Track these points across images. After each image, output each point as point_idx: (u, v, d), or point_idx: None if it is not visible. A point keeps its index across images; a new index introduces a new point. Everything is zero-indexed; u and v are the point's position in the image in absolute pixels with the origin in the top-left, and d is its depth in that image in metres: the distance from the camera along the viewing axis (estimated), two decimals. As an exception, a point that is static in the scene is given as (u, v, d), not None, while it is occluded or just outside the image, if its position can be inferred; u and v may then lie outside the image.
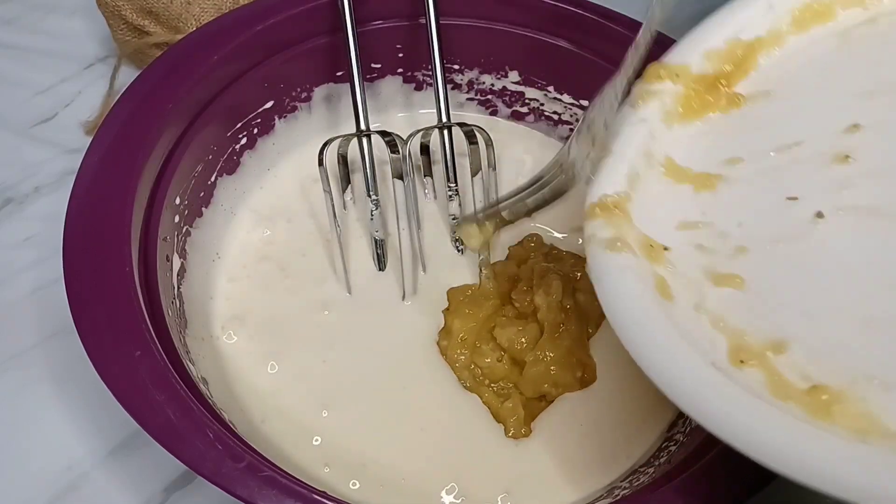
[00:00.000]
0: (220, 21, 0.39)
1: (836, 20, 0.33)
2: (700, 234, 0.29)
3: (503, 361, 0.36)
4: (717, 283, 0.27)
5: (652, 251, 0.28)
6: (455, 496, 0.33)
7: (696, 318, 0.26)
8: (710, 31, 0.33)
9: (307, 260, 0.40)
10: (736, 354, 0.25)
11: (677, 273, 0.28)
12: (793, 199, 0.28)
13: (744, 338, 0.25)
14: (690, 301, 0.27)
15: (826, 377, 0.23)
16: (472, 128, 0.39)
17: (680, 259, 0.28)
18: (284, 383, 0.35)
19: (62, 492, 0.34)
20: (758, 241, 0.28)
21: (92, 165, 0.32)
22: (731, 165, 0.30)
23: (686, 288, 0.27)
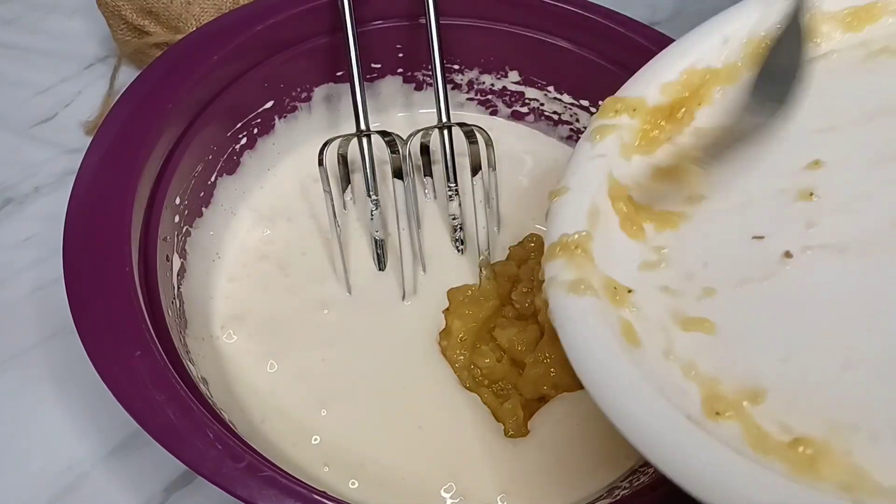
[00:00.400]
0: (220, 21, 0.39)
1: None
2: (664, 274, 0.28)
3: (503, 362, 0.36)
4: (686, 327, 0.26)
5: (616, 293, 0.27)
6: (453, 495, 0.33)
7: (665, 366, 0.25)
8: (666, 64, 0.33)
9: (307, 259, 0.40)
10: (711, 405, 0.23)
11: (643, 317, 0.26)
12: (759, 239, 0.28)
13: (718, 387, 0.24)
14: (658, 347, 0.25)
15: (807, 428, 0.22)
16: (472, 128, 0.39)
17: (645, 302, 0.27)
18: (284, 382, 0.35)
19: (62, 492, 0.34)
20: (725, 283, 0.27)
21: (92, 165, 0.32)
22: (692, 204, 0.29)
23: (653, 333, 0.26)
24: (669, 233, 0.29)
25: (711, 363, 0.25)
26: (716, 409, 0.23)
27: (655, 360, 0.25)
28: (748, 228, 0.28)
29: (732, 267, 0.27)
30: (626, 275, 0.28)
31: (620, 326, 0.25)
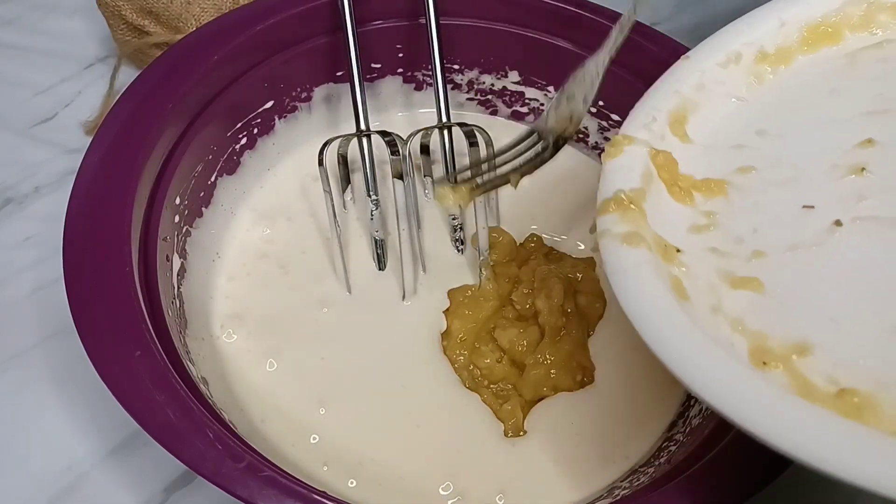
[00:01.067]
0: (220, 21, 0.39)
1: (845, 42, 0.33)
2: (713, 237, 0.28)
3: (503, 363, 0.36)
4: (735, 285, 0.26)
5: (666, 252, 0.27)
6: (451, 495, 0.33)
7: (714, 321, 0.25)
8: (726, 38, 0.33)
9: (307, 258, 0.40)
10: (758, 356, 0.24)
11: (692, 275, 0.27)
12: (809, 208, 0.28)
13: (765, 340, 0.25)
14: (707, 303, 0.26)
15: (854, 382, 0.23)
16: (472, 128, 0.39)
17: (694, 261, 0.27)
18: (283, 381, 0.35)
19: (62, 492, 0.34)
20: (775, 247, 0.27)
21: (92, 165, 0.32)
22: (742, 174, 0.30)
23: (702, 290, 0.26)
24: (719, 199, 0.30)
25: (759, 320, 0.25)
26: (763, 360, 0.24)
27: (704, 315, 0.25)
28: (798, 199, 0.28)
29: (782, 233, 0.28)
30: (676, 236, 0.28)
31: (671, 282, 0.26)
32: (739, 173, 0.30)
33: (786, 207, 0.28)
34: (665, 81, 0.33)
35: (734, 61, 0.33)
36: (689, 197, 0.30)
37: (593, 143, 0.45)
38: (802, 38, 0.33)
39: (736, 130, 0.32)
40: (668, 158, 0.30)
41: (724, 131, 0.32)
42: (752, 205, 0.29)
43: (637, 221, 0.27)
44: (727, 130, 0.32)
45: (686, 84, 0.32)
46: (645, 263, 0.26)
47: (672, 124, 0.31)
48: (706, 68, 0.33)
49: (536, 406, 0.36)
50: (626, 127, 0.31)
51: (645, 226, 0.27)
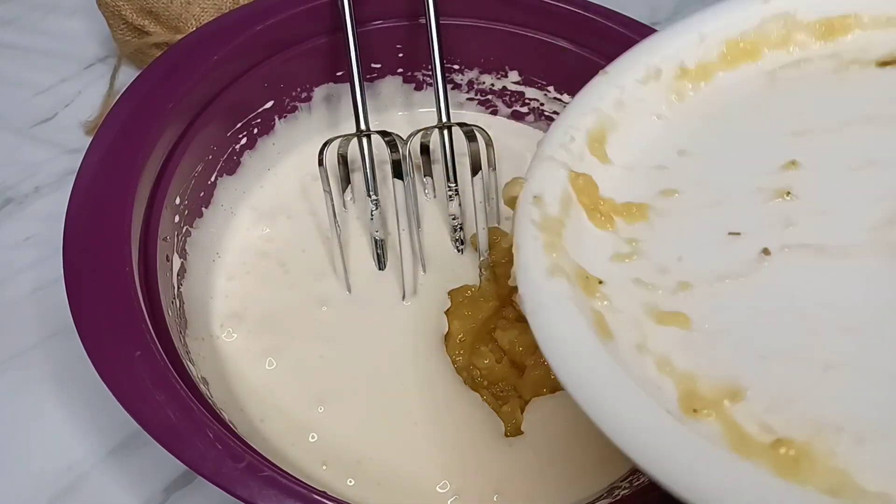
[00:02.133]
0: (220, 21, 0.39)
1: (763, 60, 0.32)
2: (637, 266, 0.27)
3: (502, 363, 0.36)
4: (660, 321, 0.25)
5: (587, 284, 0.26)
6: (448, 493, 0.33)
7: (639, 360, 0.24)
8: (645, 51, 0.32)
9: (307, 256, 0.40)
10: (688, 402, 0.22)
11: (614, 309, 0.25)
12: (735, 235, 0.27)
13: (694, 384, 0.23)
14: (632, 341, 0.24)
15: (789, 429, 0.21)
16: (472, 127, 0.39)
17: (616, 294, 0.26)
18: (282, 380, 0.35)
19: (62, 492, 0.34)
20: (701, 278, 0.26)
21: (92, 165, 0.32)
22: (664, 197, 0.29)
23: (625, 326, 0.25)
24: (642, 224, 0.28)
25: (687, 359, 0.24)
26: (693, 407, 0.22)
27: (628, 353, 0.24)
28: (724, 224, 0.27)
29: (708, 262, 0.26)
30: (597, 265, 0.26)
31: (593, 317, 0.24)
32: (662, 197, 0.29)
33: (711, 234, 0.27)
34: (583, 98, 0.31)
35: (654, 77, 0.31)
36: (610, 222, 0.28)
37: (593, 143, 0.45)
38: (722, 53, 0.32)
39: (657, 150, 0.30)
40: (588, 182, 0.29)
41: (645, 151, 0.30)
42: (676, 230, 0.28)
43: (556, 251, 0.26)
44: (648, 150, 0.30)
45: (605, 101, 0.31)
46: (566, 299, 0.24)
47: (591, 144, 0.30)
48: (625, 84, 0.31)
49: (535, 406, 0.35)
50: (544, 144, 0.29)
51: (564, 255, 0.26)
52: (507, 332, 0.37)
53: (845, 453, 0.20)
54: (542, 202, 0.27)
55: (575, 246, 0.27)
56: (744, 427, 0.22)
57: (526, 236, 0.26)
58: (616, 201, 0.29)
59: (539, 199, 0.27)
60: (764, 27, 0.32)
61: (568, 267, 0.26)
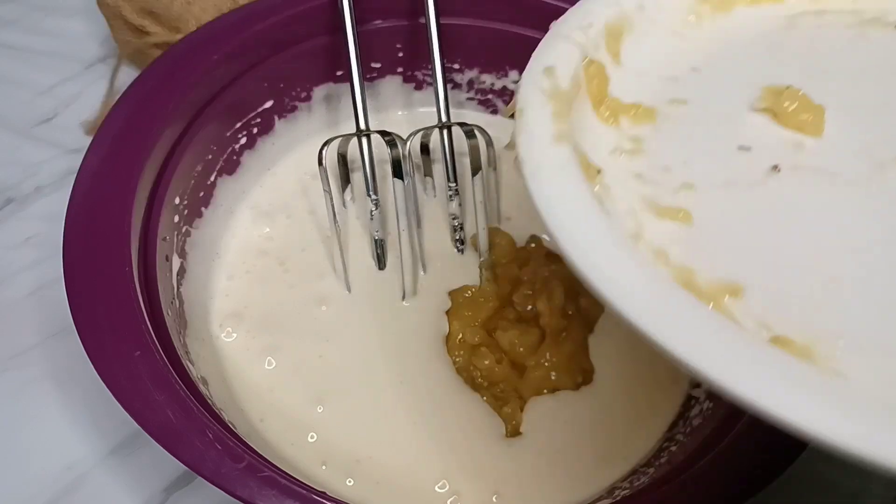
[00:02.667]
0: (220, 21, 0.39)
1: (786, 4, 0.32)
2: (638, 162, 0.25)
3: (503, 364, 0.36)
4: (660, 214, 0.24)
5: (587, 169, 0.24)
6: (447, 493, 0.33)
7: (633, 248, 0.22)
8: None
9: (306, 255, 0.40)
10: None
11: (612, 197, 0.24)
12: (745, 149, 0.26)
13: (691, 276, 0.22)
14: (627, 229, 0.23)
15: (787, 330, 0.20)
16: (472, 127, 0.39)
17: (616, 183, 0.24)
18: (281, 379, 0.35)
19: (62, 492, 0.34)
20: (706, 181, 0.25)
21: (92, 165, 0.32)
22: (674, 106, 0.28)
23: (622, 215, 0.23)
24: (648, 126, 0.27)
25: (685, 254, 0.23)
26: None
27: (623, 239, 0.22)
28: (734, 138, 0.27)
29: (715, 168, 0.25)
30: (597, 156, 0.25)
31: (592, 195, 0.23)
32: (671, 104, 0.28)
33: (720, 144, 0.26)
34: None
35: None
36: (615, 119, 0.27)
37: (593, 143, 0.45)
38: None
39: (671, 62, 0.29)
40: (600, 71, 0.27)
41: (658, 61, 0.29)
42: (683, 136, 0.27)
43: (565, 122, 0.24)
44: (662, 61, 0.29)
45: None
46: (571, 164, 0.23)
47: (608, 38, 0.28)
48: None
49: (535, 406, 0.36)
50: (561, 24, 0.28)
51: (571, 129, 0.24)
52: (507, 332, 0.37)
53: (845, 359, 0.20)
54: (554, 74, 0.26)
55: (578, 131, 0.25)
56: (742, 322, 0.21)
57: (533, 102, 0.25)
58: (623, 101, 0.27)
59: (551, 71, 0.26)
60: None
61: (573, 141, 0.24)
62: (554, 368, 0.36)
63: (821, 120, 0.27)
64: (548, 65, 0.26)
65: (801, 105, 0.27)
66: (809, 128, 0.27)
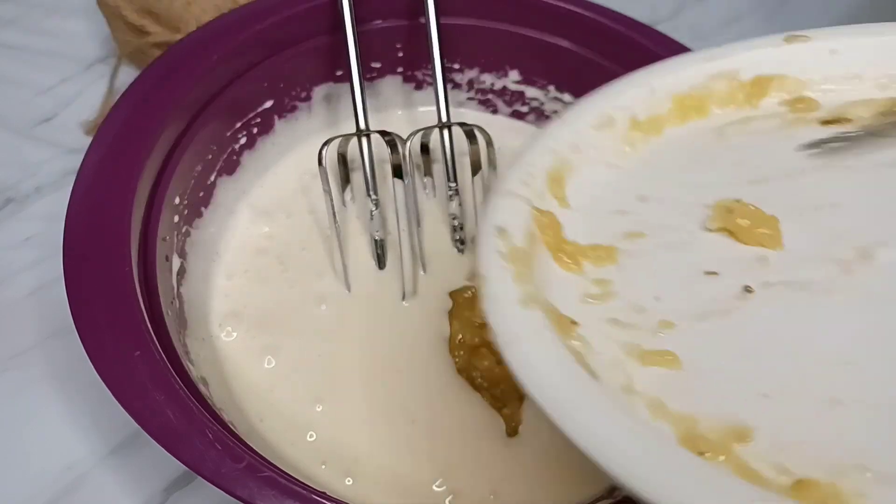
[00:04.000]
0: (220, 21, 0.39)
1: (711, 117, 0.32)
2: (611, 307, 0.25)
3: (503, 364, 0.36)
4: (645, 361, 0.23)
5: (561, 323, 0.23)
6: (445, 492, 0.33)
7: (630, 402, 0.22)
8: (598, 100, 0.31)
9: (306, 254, 0.40)
10: (692, 445, 0.20)
11: (594, 351, 0.23)
12: (712, 274, 0.26)
13: (695, 425, 0.21)
14: (617, 382, 0.22)
15: (808, 470, 0.20)
16: (472, 127, 0.39)
17: (594, 335, 0.23)
18: (280, 378, 0.35)
19: (62, 492, 0.34)
20: (683, 316, 0.24)
21: (92, 165, 0.32)
22: (630, 240, 0.27)
23: (608, 368, 0.22)
24: (610, 267, 0.26)
25: (682, 400, 0.22)
26: (699, 450, 0.20)
27: (616, 395, 0.22)
28: (698, 264, 0.26)
29: (689, 301, 0.25)
30: (568, 306, 0.24)
31: (573, 356, 0.22)
32: (628, 239, 0.27)
33: (687, 273, 0.26)
34: (540, 138, 0.30)
35: (608, 125, 0.31)
36: (577, 264, 0.26)
37: (593, 143, 0.45)
38: (671, 108, 0.32)
39: (616, 196, 0.29)
40: (552, 220, 0.27)
41: (604, 197, 0.29)
42: (648, 271, 0.26)
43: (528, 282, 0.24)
44: (608, 196, 0.29)
45: (561, 142, 0.29)
46: (543, 329, 0.22)
47: (550, 184, 0.28)
48: (580, 129, 0.30)
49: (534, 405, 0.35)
50: (504, 182, 0.28)
51: (535, 288, 0.24)
52: (507, 332, 0.36)
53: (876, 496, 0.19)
54: (507, 234, 0.25)
55: (545, 285, 0.24)
56: (758, 470, 0.20)
57: (493, 266, 0.24)
58: (580, 243, 0.27)
59: (503, 232, 0.25)
60: (710, 84, 0.32)
61: (541, 300, 0.23)
62: (554, 369, 0.36)
63: (777, 231, 0.27)
64: (498, 225, 0.25)
65: (756, 219, 0.27)
66: (769, 241, 0.27)
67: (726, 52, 0.32)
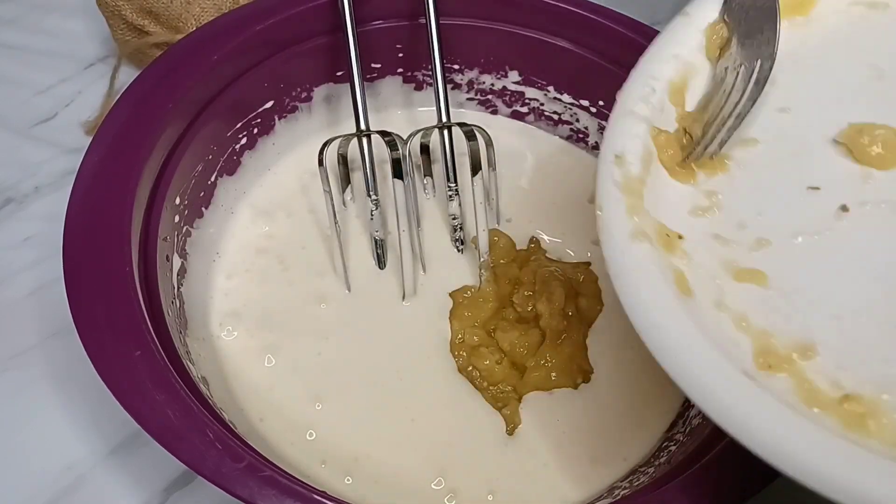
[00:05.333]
0: (220, 21, 0.39)
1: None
2: (716, 221, 0.27)
3: (503, 364, 0.36)
4: (739, 278, 0.26)
5: (668, 241, 0.26)
6: (443, 491, 0.33)
7: (717, 317, 0.25)
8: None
9: (307, 253, 0.40)
10: (763, 358, 0.24)
11: (694, 265, 0.26)
12: (814, 189, 0.27)
13: (769, 340, 0.24)
14: (710, 297, 0.25)
15: (858, 386, 0.22)
16: (472, 127, 0.39)
17: (696, 249, 0.26)
18: (280, 377, 0.35)
19: (62, 492, 0.34)
20: (779, 233, 0.26)
21: (92, 165, 0.32)
22: (745, 148, 0.29)
23: (705, 282, 0.25)
24: (721, 176, 0.28)
25: (763, 316, 0.25)
26: (768, 363, 0.23)
27: (707, 310, 0.25)
28: (804, 178, 0.28)
29: (787, 217, 0.27)
30: (677, 220, 0.27)
31: (673, 276, 0.25)
32: (742, 146, 0.29)
33: (791, 187, 0.28)
34: (663, 44, 0.30)
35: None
36: (692, 175, 0.29)
37: (593, 143, 0.45)
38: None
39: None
40: (669, 140, 0.29)
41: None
42: (755, 183, 0.28)
43: (638, 211, 0.26)
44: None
45: (686, 46, 0.30)
46: (649, 262, 0.25)
47: (672, 94, 0.30)
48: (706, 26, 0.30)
49: (534, 405, 0.36)
50: (624, 99, 0.29)
51: (646, 216, 0.26)
52: (507, 333, 0.37)
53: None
54: (624, 161, 0.27)
55: (656, 202, 0.27)
56: (815, 383, 0.23)
57: (608, 198, 0.26)
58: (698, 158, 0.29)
59: (621, 159, 0.27)
60: None
61: (649, 228, 0.26)
62: (554, 369, 0.36)
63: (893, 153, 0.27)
64: (617, 152, 0.27)
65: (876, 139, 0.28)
66: (879, 161, 0.28)
67: None
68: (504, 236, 0.40)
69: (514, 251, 0.40)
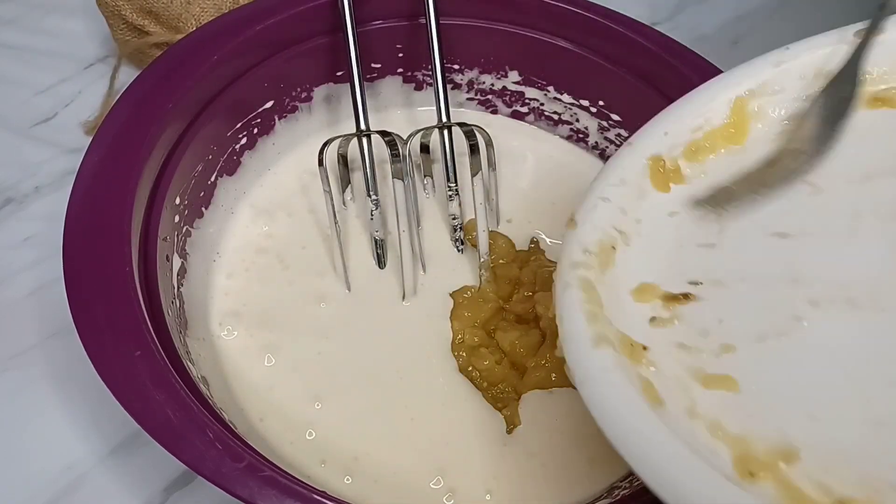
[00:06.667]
0: (220, 21, 0.39)
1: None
2: (678, 331, 0.27)
3: (502, 364, 0.36)
4: (707, 384, 0.25)
5: (633, 351, 0.26)
6: (442, 490, 0.33)
7: (690, 425, 0.24)
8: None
9: (307, 253, 0.40)
10: (744, 466, 0.23)
11: (661, 374, 0.25)
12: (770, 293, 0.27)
13: (748, 446, 0.23)
14: (681, 406, 0.25)
15: (847, 488, 0.21)
16: (471, 127, 0.39)
17: (662, 359, 0.26)
18: (280, 376, 0.35)
19: (62, 492, 0.34)
20: (743, 338, 0.26)
21: (92, 165, 0.32)
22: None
23: (674, 391, 0.25)
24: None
25: (738, 422, 0.24)
26: (749, 470, 0.23)
27: (680, 419, 0.24)
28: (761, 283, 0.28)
29: (748, 323, 0.27)
30: (638, 331, 0.27)
31: (641, 385, 0.25)
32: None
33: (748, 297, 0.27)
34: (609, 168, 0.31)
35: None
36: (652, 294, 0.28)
37: (593, 143, 0.45)
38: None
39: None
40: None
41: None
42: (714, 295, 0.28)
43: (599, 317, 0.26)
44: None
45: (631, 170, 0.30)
46: (613, 368, 0.24)
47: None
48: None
49: (533, 405, 0.36)
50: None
51: (606, 322, 0.26)
52: (507, 333, 0.37)
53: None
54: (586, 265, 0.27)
55: (613, 310, 0.27)
56: (802, 489, 0.22)
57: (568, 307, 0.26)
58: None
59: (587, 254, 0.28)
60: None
61: (612, 334, 0.26)
62: (554, 369, 0.36)
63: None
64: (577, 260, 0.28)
65: None
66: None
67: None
68: (502, 237, 0.40)
69: (514, 252, 0.40)
